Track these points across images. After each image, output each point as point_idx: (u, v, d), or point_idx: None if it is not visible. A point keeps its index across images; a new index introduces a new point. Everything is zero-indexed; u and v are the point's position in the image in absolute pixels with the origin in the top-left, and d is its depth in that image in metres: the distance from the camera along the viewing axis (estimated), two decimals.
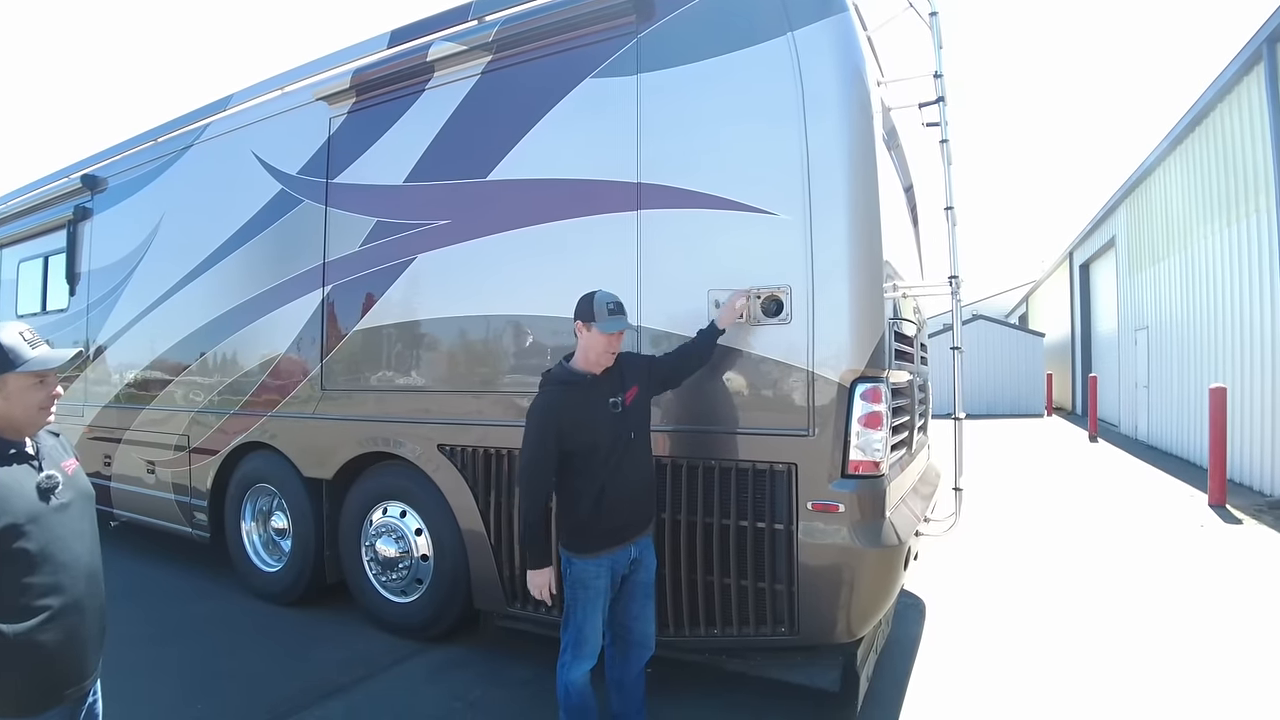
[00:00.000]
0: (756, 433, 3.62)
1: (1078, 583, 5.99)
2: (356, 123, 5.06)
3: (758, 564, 3.63)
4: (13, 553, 1.94)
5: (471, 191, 4.45)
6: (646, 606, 3.39)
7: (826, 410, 3.47)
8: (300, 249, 5.27)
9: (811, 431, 3.50)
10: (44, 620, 1.99)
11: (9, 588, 1.94)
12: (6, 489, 1.98)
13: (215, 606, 5.57)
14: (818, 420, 3.49)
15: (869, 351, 3.48)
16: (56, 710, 2.06)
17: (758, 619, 3.66)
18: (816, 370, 3.49)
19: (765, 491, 3.61)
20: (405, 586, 4.78)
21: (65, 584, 2.05)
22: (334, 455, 4.97)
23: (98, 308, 7.29)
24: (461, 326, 4.48)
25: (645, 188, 3.91)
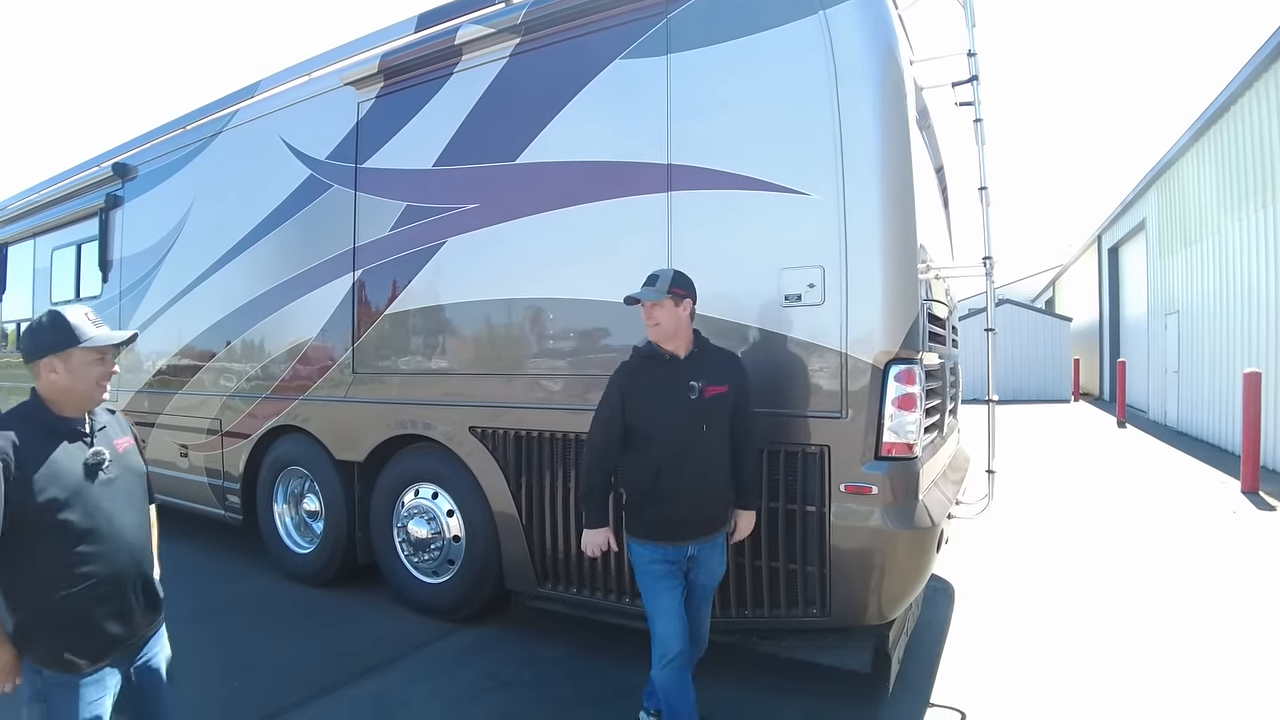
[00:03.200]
0: (789, 415, 3.60)
1: (1109, 568, 5.93)
2: (385, 107, 5.08)
3: (790, 546, 3.63)
4: (56, 524, 2.09)
5: (501, 175, 4.46)
6: (700, 608, 3.32)
7: (860, 392, 3.45)
8: (330, 234, 5.30)
9: (844, 413, 3.48)
10: (86, 587, 2.15)
11: (54, 557, 2.11)
12: (56, 464, 2.13)
13: (249, 587, 5.65)
14: (851, 402, 3.47)
15: (903, 333, 3.46)
16: (103, 669, 2.21)
17: (789, 601, 3.67)
18: (850, 352, 3.47)
19: (797, 473, 3.60)
20: (437, 567, 4.82)
21: (107, 554, 2.20)
22: (366, 438, 5.02)
23: (130, 294, 7.38)
24: (492, 310, 4.49)
25: (676, 169, 3.89)
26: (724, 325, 3.71)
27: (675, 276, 3.14)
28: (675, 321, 3.11)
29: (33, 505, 2.05)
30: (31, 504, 2.05)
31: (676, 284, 3.11)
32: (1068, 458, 11.85)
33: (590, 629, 4.44)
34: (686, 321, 3.15)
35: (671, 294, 3.09)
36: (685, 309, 3.14)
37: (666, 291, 3.09)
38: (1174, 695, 3.83)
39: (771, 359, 3.66)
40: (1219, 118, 12.19)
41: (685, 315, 3.14)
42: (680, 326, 3.13)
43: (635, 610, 4.05)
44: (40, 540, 2.08)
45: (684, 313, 3.14)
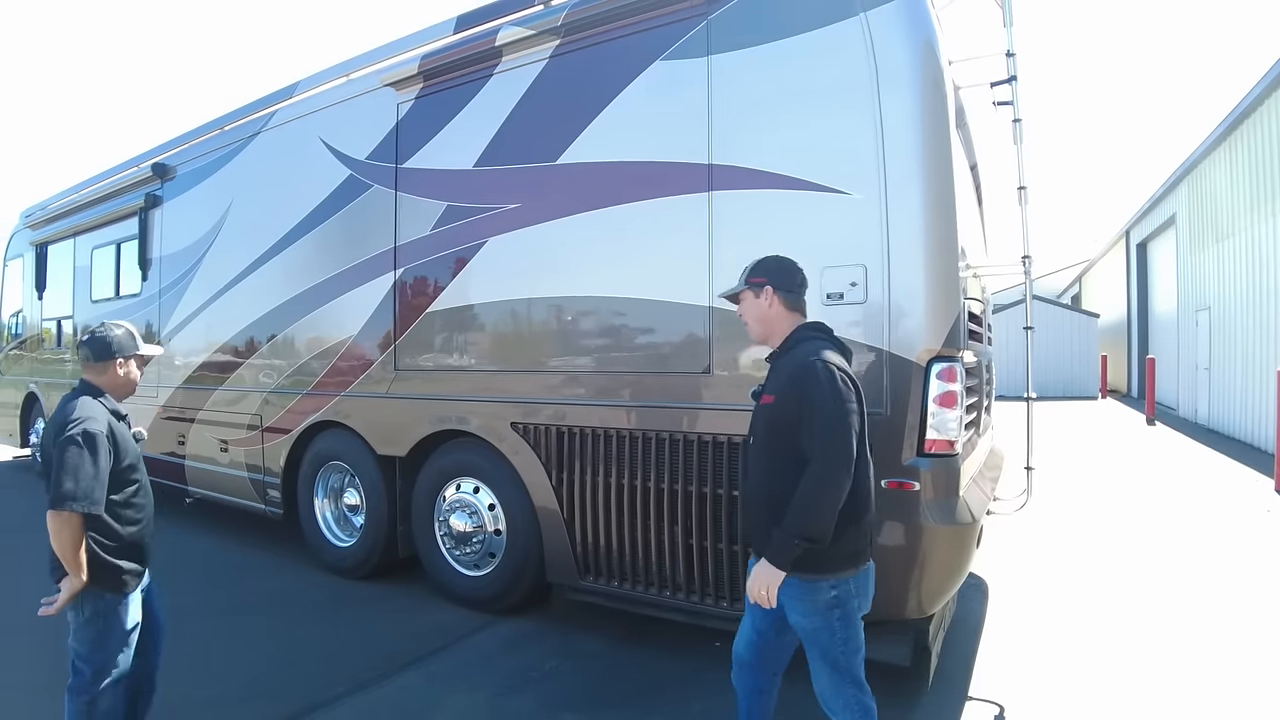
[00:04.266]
0: None
1: (1141, 567, 5.92)
2: (425, 108, 5.16)
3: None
4: (131, 481, 2.91)
5: (541, 175, 4.52)
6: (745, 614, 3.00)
7: (902, 389, 3.49)
8: (371, 233, 5.39)
9: (886, 410, 3.52)
10: (141, 527, 2.95)
11: (129, 504, 2.91)
12: (124, 438, 2.92)
13: (290, 579, 5.76)
14: (893, 399, 3.51)
15: (945, 331, 3.49)
16: (135, 589, 2.95)
17: None
18: (891, 349, 3.51)
19: None
20: (478, 560, 4.90)
21: (148, 504, 3.03)
22: (408, 433, 5.11)
23: (169, 292, 7.53)
24: (533, 308, 4.56)
25: (716, 169, 3.94)
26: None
27: (754, 265, 2.83)
28: (757, 313, 2.79)
29: (119, 468, 2.83)
30: (118, 467, 2.83)
31: (753, 272, 2.80)
32: (1097, 455, 11.79)
33: (629, 621, 4.51)
34: (771, 313, 2.76)
35: (749, 284, 2.79)
36: (766, 299, 2.75)
37: (744, 282, 2.81)
38: (1207, 694, 3.84)
39: None
40: (1251, 113, 12.06)
41: (767, 305, 2.75)
42: (765, 318, 2.78)
43: (675, 604, 4.12)
44: (123, 493, 2.87)
45: (765, 303, 2.75)
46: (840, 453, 2.42)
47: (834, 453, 2.42)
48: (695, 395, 3.97)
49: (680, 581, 4.09)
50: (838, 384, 2.47)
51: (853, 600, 2.60)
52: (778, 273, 2.78)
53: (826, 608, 2.56)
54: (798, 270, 2.81)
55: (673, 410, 4.02)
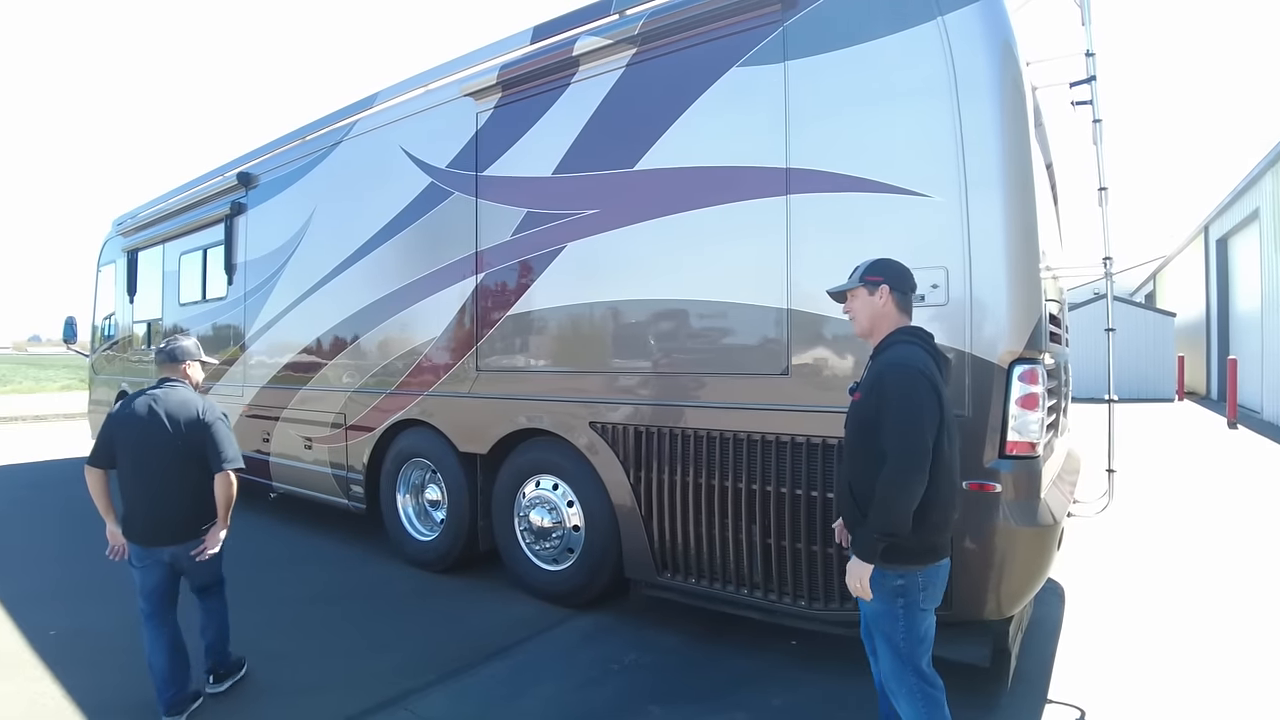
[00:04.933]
0: None
1: (1223, 573, 5.78)
2: (503, 117, 5.32)
3: None
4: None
5: (619, 181, 4.64)
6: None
7: (984, 391, 3.51)
8: (452, 239, 5.58)
9: (968, 412, 3.53)
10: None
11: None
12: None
13: (374, 572, 5.99)
14: (974, 401, 3.53)
15: (1027, 333, 3.50)
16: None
17: None
18: (973, 351, 3.53)
19: None
20: (557, 555, 5.04)
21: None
22: (489, 431, 5.28)
23: (254, 295, 7.85)
24: (611, 310, 4.68)
25: (794, 172, 4.00)
26: (846, 327, 3.80)
27: (870, 263, 2.91)
28: (870, 310, 2.86)
29: None
30: None
31: (870, 271, 2.88)
32: (1176, 459, 11.46)
33: (703, 618, 4.60)
34: (883, 312, 2.84)
35: (864, 282, 2.86)
36: (881, 298, 2.82)
37: (859, 279, 2.88)
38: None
39: None
40: None
41: (881, 304, 2.83)
42: (876, 316, 2.85)
43: (752, 602, 4.20)
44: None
45: (880, 301, 2.83)
46: (912, 453, 2.51)
47: (906, 453, 2.52)
48: (773, 396, 4.03)
49: (758, 580, 4.16)
50: (914, 387, 2.57)
51: (918, 592, 2.67)
52: (894, 274, 2.89)
53: (891, 595, 2.66)
54: (910, 274, 2.93)
55: (751, 411, 4.09)
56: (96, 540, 6.53)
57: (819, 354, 3.93)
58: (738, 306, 4.17)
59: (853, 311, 2.95)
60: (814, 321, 3.92)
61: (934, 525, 2.64)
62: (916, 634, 2.70)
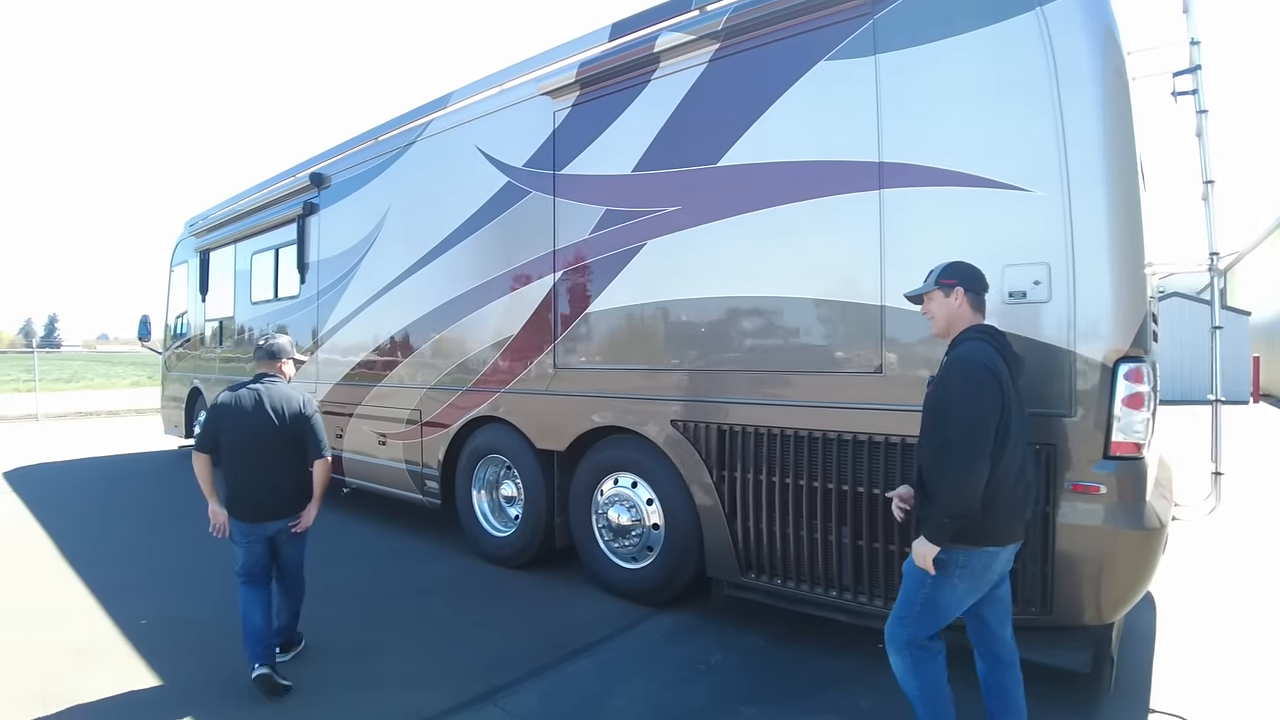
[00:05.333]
0: None
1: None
2: (581, 115, 5.32)
3: None
4: None
5: (702, 178, 4.61)
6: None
7: (1089, 390, 3.42)
8: (529, 237, 5.61)
9: (1072, 412, 3.45)
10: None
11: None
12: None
13: (450, 566, 6.06)
14: (1079, 400, 3.44)
15: (1133, 330, 3.40)
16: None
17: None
18: (1078, 350, 3.44)
19: None
20: (636, 553, 5.05)
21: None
22: (567, 429, 5.30)
23: (327, 294, 8.00)
24: (693, 308, 4.66)
25: (887, 167, 3.94)
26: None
27: (945, 267, 3.09)
28: (946, 312, 3.05)
29: None
30: None
31: (945, 274, 3.06)
32: (1256, 463, 11.07)
33: (785, 618, 4.56)
34: (959, 312, 3.03)
35: (939, 285, 3.05)
36: (956, 299, 3.02)
37: (935, 282, 3.07)
38: None
39: None
40: None
41: (956, 305, 3.02)
42: (951, 317, 3.04)
43: (840, 604, 4.15)
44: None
45: (955, 303, 3.02)
46: (971, 440, 2.71)
47: (969, 439, 2.71)
48: (866, 395, 3.97)
49: (847, 582, 4.11)
50: (977, 379, 2.77)
51: (955, 569, 2.82)
52: (968, 276, 3.06)
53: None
54: (983, 275, 3.10)
55: (842, 410, 4.04)
56: (180, 532, 6.76)
57: (913, 352, 3.87)
58: (827, 303, 4.12)
59: (930, 313, 3.14)
60: (909, 319, 3.84)
61: (987, 509, 2.75)
62: (932, 605, 2.89)
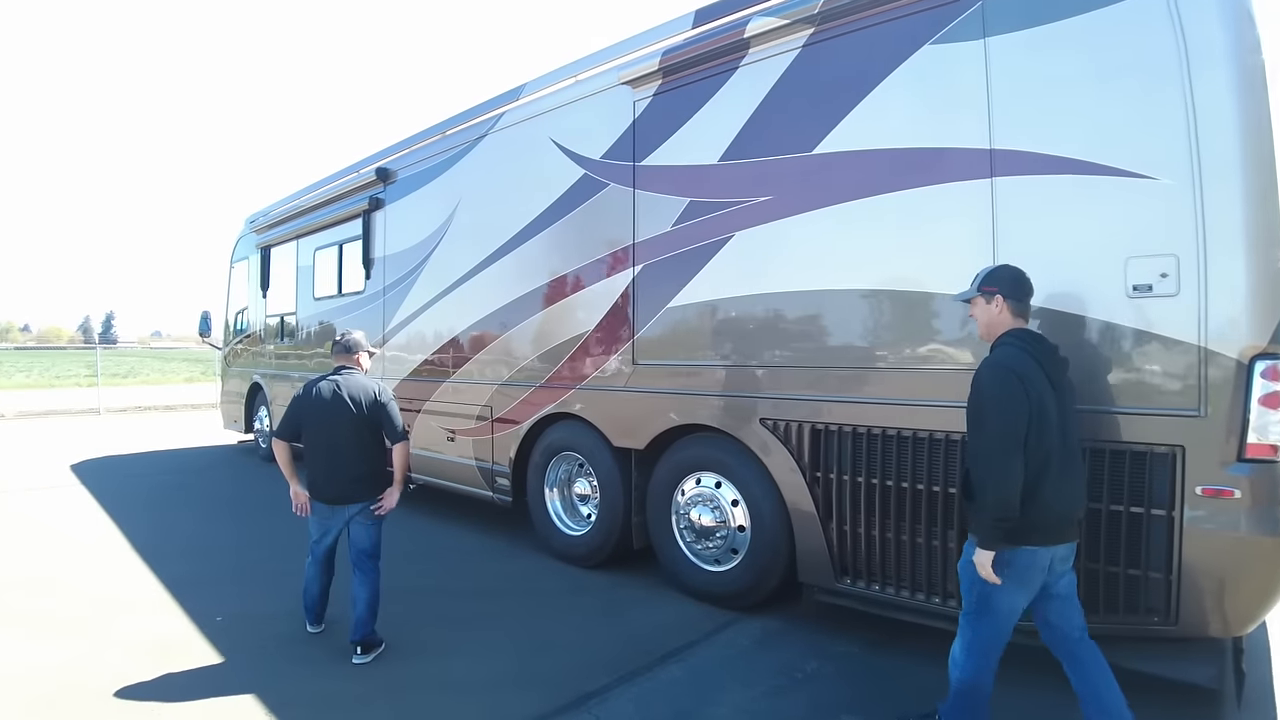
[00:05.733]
0: (1135, 413, 3.38)
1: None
2: (664, 104, 5.19)
3: (1132, 550, 3.43)
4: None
5: (795, 166, 4.45)
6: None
7: (1221, 389, 3.19)
8: (607, 231, 5.49)
9: (1203, 411, 3.23)
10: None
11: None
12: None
13: (523, 566, 5.97)
14: (1210, 399, 3.22)
15: (1271, 326, 3.16)
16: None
17: (1128, 607, 3.47)
18: (1209, 346, 3.21)
19: (1143, 474, 3.38)
20: (719, 556, 4.90)
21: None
22: (646, 426, 5.18)
23: (394, 290, 7.97)
24: (785, 302, 4.49)
25: (999, 154, 3.74)
26: (1060, 318, 3.53)
27: (988, 273, 3.20)
28: (987, 318, 3.18)
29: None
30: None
31: (986, 281, 3.17)
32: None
33: (877, 624, 4.39)
34: (999, 319, 3.15)
35: (981, 291, 3.17)
36: (997, 306, 3.14)
37: (976, 289, 3.19)
38: None
39: (1114, 352, 3.44)
40: None
41: (996, 312, 3.14)
42: (992, 323, 3.17)
43: (943, 611, 3.97)
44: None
45: (995, 310, 3.14)
46: (1001, 442, 2.84)
47: (996, 442, 2.86)
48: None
49: (952, 589, 3.92)
50: (1001, 383, 2.89)
51: (1000, 567, 2.90)
52: (1009, 283, 3.15)
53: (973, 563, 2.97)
54: (1026, 281, 3.16)
55: (946, 409, 3.84)
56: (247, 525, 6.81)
57: None
58: (933, 297, 3.92)
59: (974, 317, 3.27)
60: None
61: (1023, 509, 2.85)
62: (988, 604, 3.00)
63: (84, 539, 6.82)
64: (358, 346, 4.58)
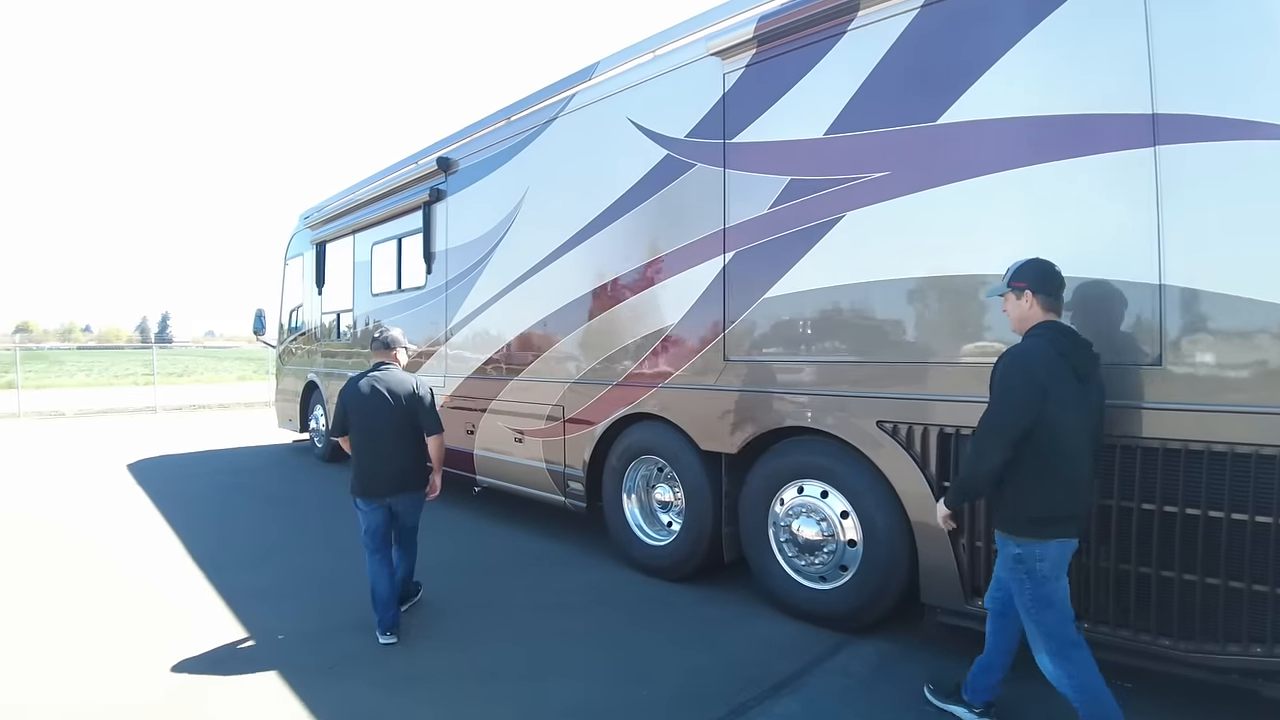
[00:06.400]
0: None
1: None
2: (759, 75, 4.73)
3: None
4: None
5: (917, 138, 3.96)
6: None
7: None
8: (693, 215, 5.05)
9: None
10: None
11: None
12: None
13: (601, 577, 5.56)
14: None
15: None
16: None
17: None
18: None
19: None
20: (825, 572, 4.44)
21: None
22: (740, 429, 4.72)
23: (457, 284, 7.63)
24: (905, 290, 4.00)
25: (1164, 119, 3.20)
26: (1244, 305, 3.00)
27: (1017, 268, 3.16)
28: (1019, 313, 3.15)
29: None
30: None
31: (1015, 277, 3.14)
32: None
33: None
34: (1030, 314, 3.11)
35: (1011, 286, 3.15)
36: (1027, 301, 3.10)
37: (1007, 284, 3.17)
38: None
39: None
40: None
41: (1027, 307, 3.11)
42: (1023, 318, 3.13)
43: (1091, 636, 3.45)
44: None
45: (1026, 305, 3.11)
46: (991, 430, 2.95)
47: (987, 429, 2.97)
48: (1138, 393, 3.26)
49: (1104, 613, 3.42)
50: (1012, 376, 2.94)
51: (1036, 563, 2.94)
52: (1038, 277, 3.12)
53: (1013, 562, 3.01)
54: (1056, 274, 3.13)
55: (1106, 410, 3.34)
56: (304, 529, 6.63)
57: (1204, 339, 3.14)
58: (1084, 283, 3.40)
59: (1007, 312, 3.24)
60: (1198, 300, 3.12)
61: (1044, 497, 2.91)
62: (1043, 601, 2.95)
63: (141, 544, 6.59)
64: (395, 342, 4.77)
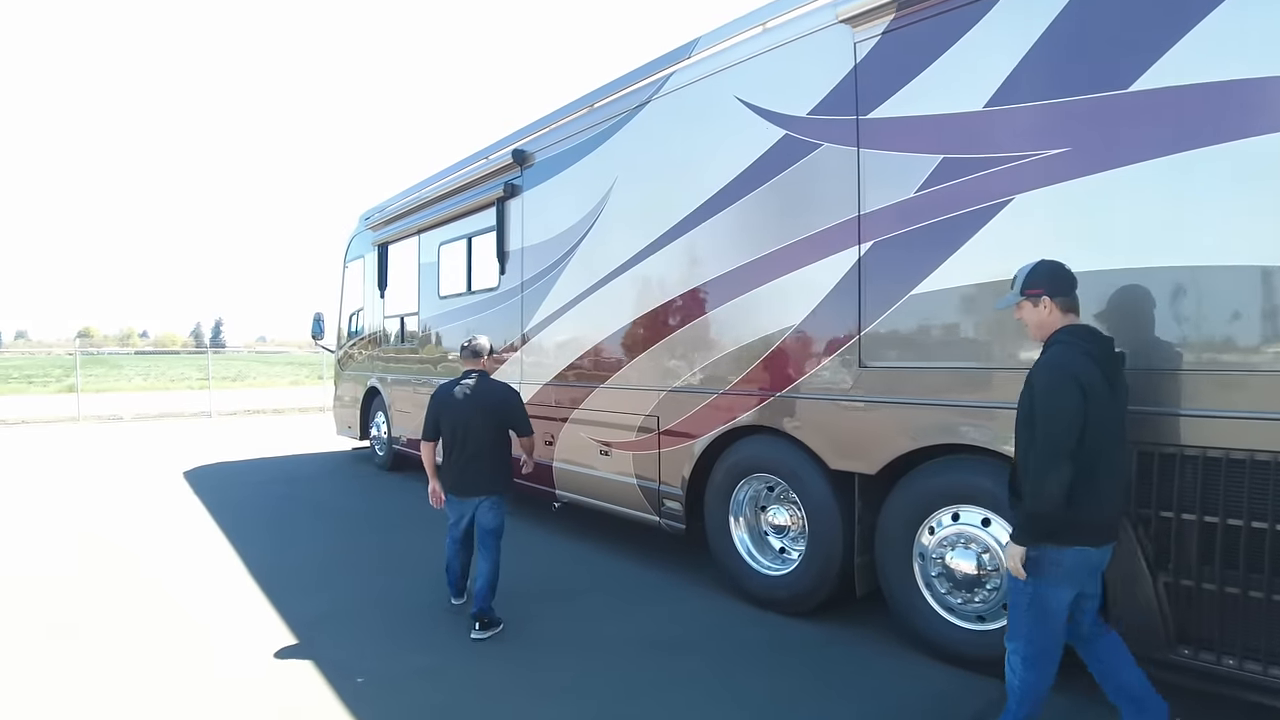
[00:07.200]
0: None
1: None
2: (899, 42, 4.14)
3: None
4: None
5: (1106, 108, 3.34)
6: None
7: None
8: (819, 202, 4.48)
9: None
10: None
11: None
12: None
13: (702, 608, 5.00)
14: None
15: None
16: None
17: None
18: None
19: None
20: (985, 612, 3.83)
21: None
22: (881, 446, 4.13)
23: (533, 285, 7.15)
24: (1091, 284, 3.32)
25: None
26: None
27: (1027, 274, 3.02)
28: (1037, 320, 3.02)
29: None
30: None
31: (1028, 285, 3.00)
32: None
33: (1219, 704, 3.28)
34: (1049, 320, 2.98)
35: (1025, 295, 3.01)
36: (1045, 307, 2.98)
37: (1019, 294, 3.03)
38: None
39: None
40: None
41: (1046, 313, 2.98)
42: (1043, 325, 3.00)
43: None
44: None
45: (1045, 311, 2.98)
46: (1047, 443, 2.73)
47: (1047, 442, 2.74)
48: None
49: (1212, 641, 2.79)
50: (1057, 385, 2.75)
51: (1049, 570, 2.80)
52: (1052, 280, 2.97)
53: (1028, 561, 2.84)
54: (1068, 273, 2.98)
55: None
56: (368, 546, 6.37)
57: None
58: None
59: (1023, 320, 3.10)
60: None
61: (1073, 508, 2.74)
62: (1038, 608, 2.85)
63: (200, 564, 6.20)
64: (484, 351, 5.04)
